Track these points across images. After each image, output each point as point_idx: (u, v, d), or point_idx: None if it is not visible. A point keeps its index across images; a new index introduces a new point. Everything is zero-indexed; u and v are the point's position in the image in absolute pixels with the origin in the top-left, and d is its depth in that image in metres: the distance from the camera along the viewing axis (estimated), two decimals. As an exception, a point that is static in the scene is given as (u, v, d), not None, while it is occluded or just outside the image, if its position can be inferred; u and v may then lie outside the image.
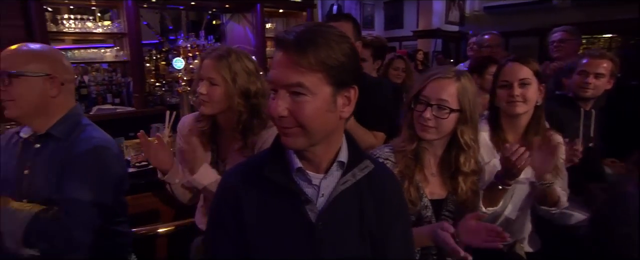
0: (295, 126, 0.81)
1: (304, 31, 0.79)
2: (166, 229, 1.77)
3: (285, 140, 0.83)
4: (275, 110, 0.79)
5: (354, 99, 0.86)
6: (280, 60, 0.79)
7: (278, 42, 0.80)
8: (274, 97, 0.81)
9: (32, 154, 1.28)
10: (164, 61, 3.94)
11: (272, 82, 0.81)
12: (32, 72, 1.21)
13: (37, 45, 1.29)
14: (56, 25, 3.33)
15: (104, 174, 1.27)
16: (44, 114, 1.26)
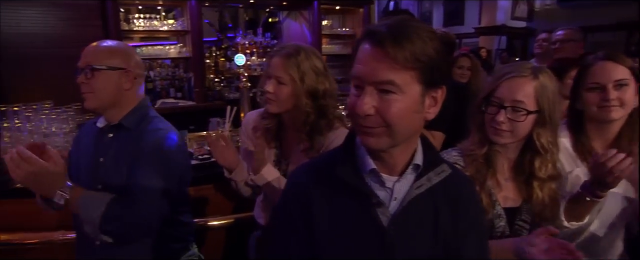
0: (381, 126, 0.76)
1: (397, 25, 0.74)
2: (226, 221, 1.81)
3: (366, 140, 0.78)
4: (361, 108, 0.74)
5: (441, 100, 0.80)
6: (371, 55, 0.74)
7: (370, 35, 0.75)
8: (358, 94, 0.76)
9: (106, 143, 1.34)
10: (223, 58, 4.07)
11: (358, 78, 0.76)
12: (110, 66, 1.28)
13: (113, 42, 1.37)
14: (128, 24, 3.56)
15: (170, 165, 1.30)
16: (118, 105, 1.33)
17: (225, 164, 1.38)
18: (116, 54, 1.31)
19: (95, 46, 1.32)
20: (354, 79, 0.77)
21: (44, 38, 3.20)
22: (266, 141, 1.49)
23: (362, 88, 0.75)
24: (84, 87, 1.29)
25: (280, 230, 0.91)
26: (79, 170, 1.37)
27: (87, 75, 1.27)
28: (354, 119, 0.78)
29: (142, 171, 1.25)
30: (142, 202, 1.23)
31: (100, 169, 1.32)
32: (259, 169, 1.37)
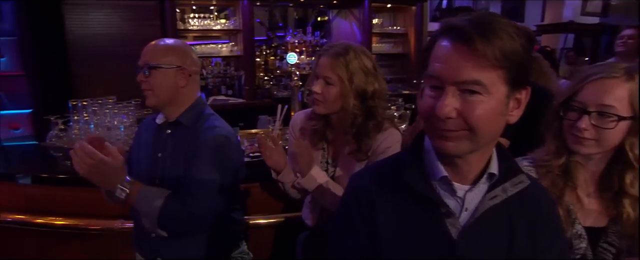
0: (462, 129, 0.69)
1: (482, 20, 0.67)
2: (274, 220, 1.80)
3: (444, 145, 0.72)
4: (442, 110, 0.67)
5: (525, 102, 0.73)
6: (454, 52, 0.67)
7: (451, 31, 0.69)
8: (436, 95, 0.70)
9: (164, 139, 1.38)
10: (273, 56, 4.11)
11: (438, 78, 0.69)
12: (167, 65, 1.30)
13: (171, 40, 1.39)
14: (183, 23, 3.70)
15: (225, 162, 1.31)
16: (175, 103, 1.35)
17: (273, 165, 1.36)
18: (172, 52, 1.33)
19: (153, 45, 1.35)
20: (431, 79, 0.71)
21: (108, 38, 3.41)
22: (313, 143, 1.45)
23: (442, 89, 0.69)
24: (143, 84, 1.32)
25: (340, 236, 0.87)
26: (139, 165, 1.41)
27: (145, 74, 1.30)
28: (430, 122, 0.72)
29: (199, 167, 1.26)
30: (198, 198, 1.24)
31: (159, 164, 1.36)
32: (307, 171, 1.33)
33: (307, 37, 3.94)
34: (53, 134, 2.43)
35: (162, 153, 1.36)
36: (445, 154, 0.74)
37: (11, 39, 3.05)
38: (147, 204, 1.22)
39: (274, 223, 1.82)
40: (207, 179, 1.26)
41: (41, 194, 1.99)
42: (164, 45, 1.35)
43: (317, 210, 1.51)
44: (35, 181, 1.97)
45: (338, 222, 0.89)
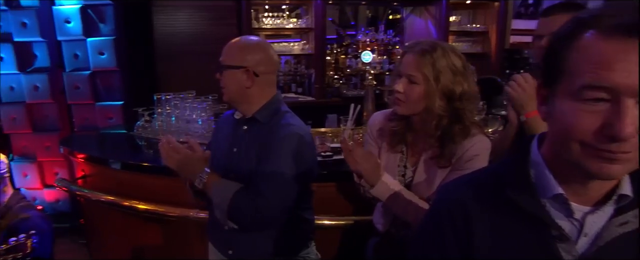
0: (635, 150, 0.55)
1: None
2: (343, 222, 1.75)
3: (609, 170, 0.57)
4: (625, 130, 0.53)
5: None
6: (635, 56, 0.53)
7: (623, 29, 0.54)
8: (599, 109, 0.55)
9: (240, 134, 1.39)
10: (343, 55, 4.06)
11: (609, 89, 0.54)
12: (233, 65, 1.31)
13: (247, 40, 1.38)
14: (257, 22, 3.81)
15: (299, 160, 1.29)
16: (245, 101, 1.36)
17: (357, 170, 1.29)
18: (241, 52, 1.32)
19: (229, 44, 1.37)
20: (592, 90, 0.55)
21: (189, 36, 3.63)
22: (391, 145, 1.37)
23: (611, 101, 0.54)
24: (220, 82, 1.35)
25: (425, 249, 0.78)
26: (216, 158, 1.44)
27: (219, 72, 1.33)
28: (590, 143, 0.57)
29: (271, 164, 1.25)
30: (267, 195, 1.23)
31: (233, 158, 1.37)
32: (374, 181, 1.23)
33: (379, 36, 3.83)
34: (139, 125, 2.63)
35: (237, 148, 1.38)
36: (603, 178, 0.60)
37: (110, 39, 3.37)
38: (219, 196, 1.24)
39: (342, 225, 1.77)
40: (278, 176, 1.25)
41: (128, 179, 2.16)
42: (237, 44, 1.35)
43: (390, 216, 1.43)
44: (123, 167, 2.13)
45: (423, 234, 0.80)
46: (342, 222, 1.77)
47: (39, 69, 3.52)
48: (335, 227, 1.76)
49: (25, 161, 3.66)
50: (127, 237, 2.32)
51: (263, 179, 1.24)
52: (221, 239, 1.43)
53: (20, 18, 3.38)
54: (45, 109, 3.59)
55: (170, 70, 3.60)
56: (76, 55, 3.46)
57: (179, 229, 2.06)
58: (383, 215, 1.47)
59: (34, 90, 3.50)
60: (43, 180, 3.70)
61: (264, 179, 1.24)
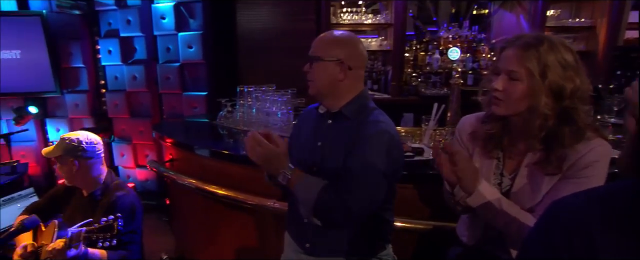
0: None
1: None
2: (422, 227, 1.66)
3: None
4: None
5: None
6: None
7: None
8: None
9: (325, 129, 1.37)
10: (423, 52, 3.90)
11: None
12: (328, 57, 1.29)
13: (340, 33, 1.36)
14: (335, 18, 3.80)
15: (387, 158, 1.24)
16: (334, 95, 1.34)
17: (449, 178, 1.20)
18: (336, 45, 1.30)
19: (321, 37, 1.35)
20: None
21: (270, 32, 3.73)
22: (486, 150, 1.25)
23: None
24: (308, 75, 1.34)
25: None
26: (298, 151, 1.44)
27: (310, 65, 1.32)
28: None
29: (359, 161, 1.22)
30: (354, 192, 1.20)
31: (317, 152, 1.36)
32: (472, 188, 1.14)
33: (463, 32, 3.60)
34: (222, 115, 2.77)
35: (321, 142, 1.36)
36: None
37: (198, 33, 3.61)
38: (305, 192, 1.23)
39: (420, 229, 1.68)
40: (367, 173, 1.21)
41: (211, 165, 2.28)
42: (329, 37, 1.34)
43: (478, 228, 1.32)
44: (208, 154, 2.25)
45: (531, 254, 0.70)
46: (420, 226, 1.68)
47: (137, 61, 3.89)
48: (412, 230, 1.68)
49: (122, 142, 4.09)
50: (206, 219, 2.46)
51: (351, 176, 1.21)
52: (300, 231, 1.44)
53: (126, 16, 3.76)
54: (141, 97, 3.96)
55: (250, 63, 3.75)
56: (168, 48, 3.76)
57: (255, 217, 2.12)
58: (469, 227, 1.37)
59: (132, 79, 3.88)
60: (136, 160, 4.10)
61: (352, 176, 1.21)
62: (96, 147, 1.78)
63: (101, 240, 1.48)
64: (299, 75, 3.19)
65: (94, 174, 1.78)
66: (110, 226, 1.48)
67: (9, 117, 4.17)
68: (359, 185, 1.20)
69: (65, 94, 4.07)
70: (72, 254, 1.48)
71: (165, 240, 3.22)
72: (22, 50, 3.96)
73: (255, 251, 2.20)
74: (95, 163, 1.78)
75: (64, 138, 1.74)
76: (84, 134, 1.79)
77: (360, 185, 1.20)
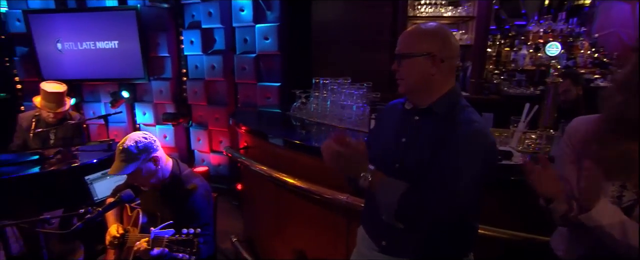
0: None
1: None
2: (507, 237, 1.54)
3: None
4: None
5: None
6: None
7: None
8: None
9: (411, 125, 1.31)
10: (508, 47, 3.61)
11: None
12: (417, 53, 1.22)
13: (426, 25, 1.29)
14: (413, 10, 3.65)
15: (480, 161, 1.15)
16: (426, 90, 1.26)
17: (544, 192, 1.08)
18: (424, 38, 1.23)
19: (406, 32, 1.29)
20: None
21: (345, 24, 3.70)
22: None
23: None
24: (397, 74, 1.28)
25: None
26: (379, 147, 1.40)
27: (398, 63, 1.26)
28: None
29: (451, 163, 1.14)
30: (443, 197, 1.13)
31: (401, 149, 1.30)
32: (592, 204, 1.01)
33: (558, 26, 3.26)
34: (296, 106, 2.80)
35: (406, 138, 1.30)
36: None
37: (274, 25, 3.69)
38: (386, 195, 1.19)
39: (506, 239, 1.56)
40: (457, 177, 1.13)
41: (284, 155, 2.32)
42: (416, 31, 1.27)
43: (581, 246, 1.18)
44: (281, 143, 2.30)
45: None
46: (506, 236, 1.55)
47: (216, 51, 4.09)
48: (497, 239, 1.56)
49: (199, 128, 4.34)
50: (276, 207, 2.52)
51: (440, 178, 1.14)
52: (376, 229, 1.40)
53: (207, 8, 3.97)
54: (218, 85, 4.17)
55: (323, 56, 3.76)
56: (245, 39, 3.90)
57: (327, 209, 2.11)
58: (568, 241, 1.23)
59: (211, 69, 4.09)
60: (211, 145, 4.34)
61: (441, 179, 1.14)
62: (153, 144, 1.78)
63: (181, 252, 1.51)
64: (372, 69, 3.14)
65: (160, 171, 1.81)
66: (191, 242, 1.51)
67: (107, 100, 4.64)
68: (447, 191, 1.13)
69: (152, 80, 4.43)
70: (156, 253, 1.56)
71: (234, 224, 3.37)
72: (119, 41, 4.37)
73: (324, 243, 2.21)
74: (157, 159, 1.79)
75: (120, 149, 1.72)
76: (133, 137, 1.76)
77: (448, 191, 1.13)
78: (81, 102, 4.81)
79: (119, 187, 2.08)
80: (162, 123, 4.40)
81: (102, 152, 2.93)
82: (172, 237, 1.53)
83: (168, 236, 1.54)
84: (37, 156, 2.78)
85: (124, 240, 1.84)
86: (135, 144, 1.74)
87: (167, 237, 1.54)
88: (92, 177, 2.53)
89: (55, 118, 3.04)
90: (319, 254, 2.27)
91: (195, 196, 1.79)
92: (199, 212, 1.77)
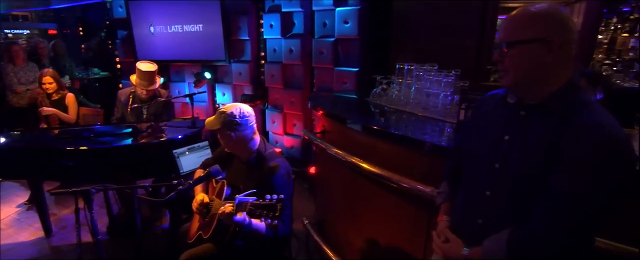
0: None
1: None
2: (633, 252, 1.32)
3: None
4: None
5: None
6: None
7: None
8: None
9: (516, 121, 1.14)
10: (626, 33, 3.13)
11: None
12: (527, 38, 1.05)
13: (537, 7, 1.08)
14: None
15: (614, 177, 0.96)
16: (538, 83, 1.09)
17: None
18: (534, 21, 1.05)
19: (510, 17, 1.10)
20: None
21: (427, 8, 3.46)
22: None
23: None
24: (499, 65, 1.12)
25: None
26: (472, 144, 1.26)
27: (500, 53, 1.10)
28: None
29: (573, 185, 0.97)
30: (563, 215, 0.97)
31: (503, 147, 1.15)
32: None
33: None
34: (376, 92, 2.70)
35: (509, 136, 1.14)
36: None
37: (355, 9, 3.58)
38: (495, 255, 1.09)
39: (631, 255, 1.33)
40: (582, 197, 0.96)
41: (363, 141, 2.25)
42: (526, 14, 1.07)
43: None
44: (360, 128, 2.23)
45: None
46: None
47: (295, 35, 4.11)
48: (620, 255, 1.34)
49: (275, 110, 4.44)
50: (350, 193, 2.48)
51: (558, 197, 0.98)
52: (470, 232, 1.27)
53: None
54: (295, 69, 4.20)
55: (403, 41, 3.58)
56: (325, 23, 3.85)
57: (406, 200, 2.01)
58: None
59: (289, 52, 4.13)
60: (285, 128, 4.42)
61: (560, 197, 0.98)
62: (249, 119, 1.87)
63: (264, 217, 1.55)
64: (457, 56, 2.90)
65: (249, 143, 1.89)
66: (274, 206, 1.54)
67: (190, 80, 4.93)
68: (567, 208, 0.97)
69: (232, 63, 4.60)
70: (238, 219, 1.61)
71: (306, 205, 3.41)
72: (203, 24, 4.59)
73: (400, 236, 2.11)
74: (249, 134, 1.88)
75: (222, 111, 1.85)
76: (238, 108, 1.87)
77: (569, 207, 0.96)
78: (168, 81, 5.18)
79: (207, 161, 2.18)
80: (239, 104, 4.57)
81: (187, 129, 3.11)
82: (255, 202, 1.57)
83: (251, 201, 1.57)
84: (131, 129, 3.02)
85: (209, 208, 1.93)
86: (239, 111, 1.85)
87: (250, 202, 1.57)
88: (179, 151, 2.69)
89: (148, 95, 3.30)
90: (393, 246, 2.18)
91: (277, 174, 1.82)
92: (279, 191, 1.79)
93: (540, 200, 1.02)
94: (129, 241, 3.01)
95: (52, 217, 3.39)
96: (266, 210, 1.54)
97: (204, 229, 1.93)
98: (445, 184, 1.49)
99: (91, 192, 1.68)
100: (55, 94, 3.67)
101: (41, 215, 3.19)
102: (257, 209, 1.56)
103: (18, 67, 4.41)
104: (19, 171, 2.93)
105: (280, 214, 1.54)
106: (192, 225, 2.10)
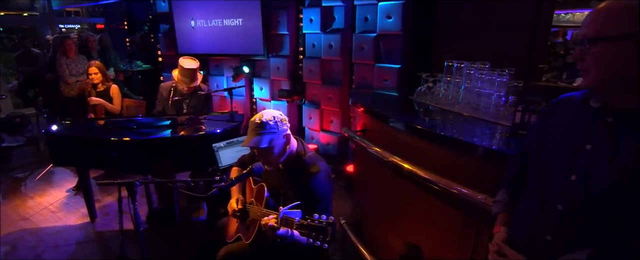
0: None
1: None
2: None
3: None
4: None
5: None
6: None
7: None
8: None
9: (602, 129, 1.02)
10: None
11: None
12: (613, 35, 0.92)
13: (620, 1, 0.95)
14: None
15: None
16: (627, 85, 0.96)
17: None
18: (622, 15, 0.92)
19: (596, 10, 0.97)
20: None
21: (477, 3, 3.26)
22: None
23: None
24: (579, 64, 1.00)
25: None
26: (543, 154, 1.13)
27: (582, 50, 0.98)
28: None
29: None
30: None
31: (583, 157, 1.02)
32: None
33: None
34: (421, 90, 2.58)
35: (592, 146, 1.01)
36: None
37: (399, 3, 3.45)
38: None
39: None
40: None
41: (406, 141, 2.15)
42: (612, 7, 0.95)
43: None
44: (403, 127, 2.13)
45: None
46: None
47: (335, 30, 4.02)
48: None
49: (312, 106, 4.39)
50: (390, 195, 2.38)
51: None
52: (535, 249, 1.15)
53: (330, -15, 3.90)
54: (334, 65, 4.13)
55: (448, 38, 3.41)
56: (366, 18, 3.74)
57: (453, 206, 1.89)
58: None
59: (328, 48, 4.05)
60: (321, 124, 4.36)
61: None
62: (282, 123, 1.75)
63: (313, 239, 1.42)
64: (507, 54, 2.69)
65: (285, 147, 1.78)
66: (324, 230, 1.41)
67: (229, 74, 4.98)
68: None
69: (270, 57, 4.59)
70: (282, 233, 1.54)
71: (342, 204, 3.35)
72: (243, 19, 4.61)
73: (444, 244, 2.00)
74: (288, 137, 1.78)
75: (258, 122, 1.70)
76: (269, 112, 1.75)
77: None
78: (207, 74, 5.26)
79: (244, 157, 2.15)
80: (277, 99, 4.57)
81: (225, 123, 3.12)
82: (303, 220, 1.47)
83: (298, 219, 1.49)
84: (170, 121, 3.07)
85: (247, 212, 1.89)
86: (273, 118, 1.73)
87: (297, 220, 1.48)
88: (218, 145, 2.69)
89: (189, 91, 3.34)
90: (436, 253, 2.07)
91: (318, 179, 1.73)
92: (322, 196, 1.72)
93: (631, 220, 0.89)
94: (167, 230, 3.07)
95: (96, 203, 3.52)
96: (315, 232, 1.42)
97: (243, 232, 1.90)
98: (503, 192, 1.37)
99: (135, 184, 1.69)
100: (100, 84, 3.81)
101: (87, 201, 3.32)
102: (305, 229, 1.44)
103: (70, 60, 4.64)
104: (68, 159, 3.05)
105: (331, 239, 1.41)
106: (230, 222, 2.08)
